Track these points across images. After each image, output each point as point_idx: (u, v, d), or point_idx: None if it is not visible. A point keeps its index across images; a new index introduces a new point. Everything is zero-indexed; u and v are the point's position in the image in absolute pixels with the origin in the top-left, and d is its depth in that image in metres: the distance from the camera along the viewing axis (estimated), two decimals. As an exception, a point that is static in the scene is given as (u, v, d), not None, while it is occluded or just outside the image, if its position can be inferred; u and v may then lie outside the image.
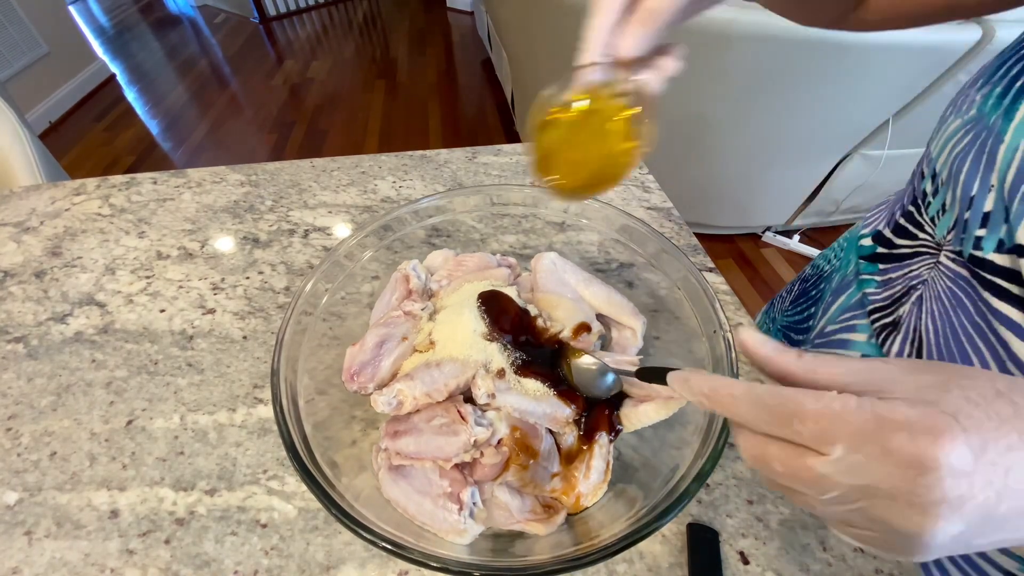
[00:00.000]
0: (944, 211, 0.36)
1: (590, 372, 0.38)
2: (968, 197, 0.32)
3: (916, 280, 0.38)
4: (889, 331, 0.40)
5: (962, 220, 0.33)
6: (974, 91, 0.34)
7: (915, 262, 0.39)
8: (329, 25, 3.56)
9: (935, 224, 0.37)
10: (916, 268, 0.38)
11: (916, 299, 0.38)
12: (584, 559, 0.28)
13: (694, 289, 0.40)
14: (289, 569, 0.35)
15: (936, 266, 0.36)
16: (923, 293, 0.37)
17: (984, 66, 0.36)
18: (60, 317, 0.51)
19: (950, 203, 0.35)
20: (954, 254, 0.34)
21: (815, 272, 0.55)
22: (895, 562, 0.35)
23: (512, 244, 0.54)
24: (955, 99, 0.37)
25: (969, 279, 0.33)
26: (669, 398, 0.37)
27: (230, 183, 0.67)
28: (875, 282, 0.43)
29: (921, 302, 0.37)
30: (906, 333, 0.38)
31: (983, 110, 0.32)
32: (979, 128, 0.32)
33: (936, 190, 0.37)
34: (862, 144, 1.44)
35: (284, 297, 0.53)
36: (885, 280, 0.42)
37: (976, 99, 0.34)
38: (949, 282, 0.35)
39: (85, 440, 0.42)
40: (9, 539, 0.37)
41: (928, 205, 0.38)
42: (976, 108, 0.33)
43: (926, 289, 0.37)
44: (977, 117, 0.33)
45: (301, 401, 0.35)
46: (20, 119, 0.85)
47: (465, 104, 2.64)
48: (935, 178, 0.37)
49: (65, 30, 2.52)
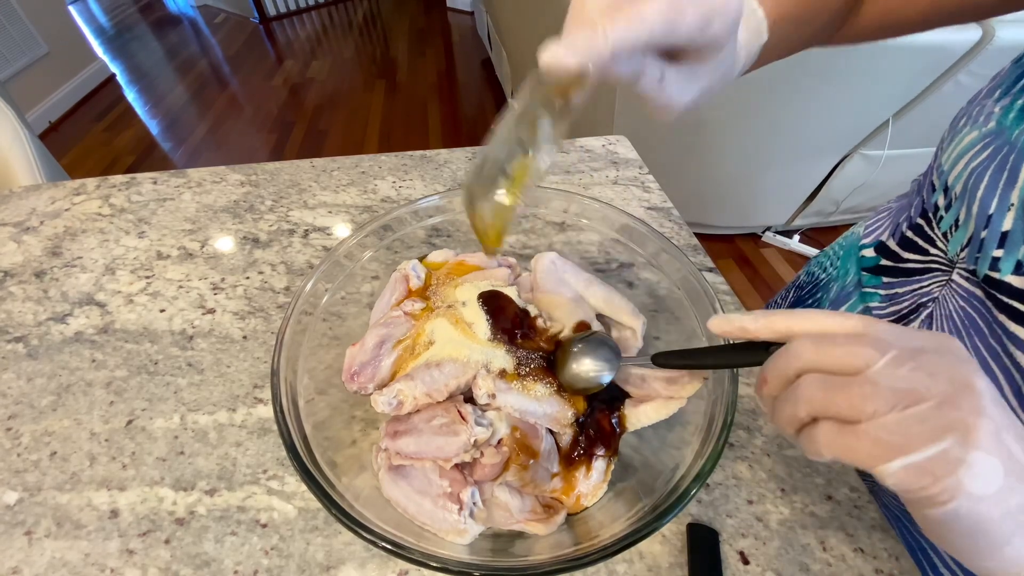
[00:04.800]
0: (957, 227, 0.34)
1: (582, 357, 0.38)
2: (986, 215, 0.31)
3: (926, 298, 0.37)
4: None
5: (978, 239, 0.31)
6: (991, 102, 0.33)
7: (925, 278, 0.37)
8: (329, 25, 3.56)
9: (947, 240, 0.35)
10: (926, 285, 0.37)
11: (926, 317, 0.36)
12: (584, 559, 0.28)
13: (694, 289, 0.40)
14: (289, 569, 0.35)
15: (948, 284, 0.35)
16: (934, 311, 0.36)
17: (1000, 74, 0.35)
18: (60, 317, 0.51)
19: (964, 219, 0.33)
20: (968, 272, 0.33)
21: (811, 279, 0.54)
22: (895, 562, 0.35)
23: (512, 244, 0.54)
24: (968, 109, 0.36)
25: (983, 300, 0.32)
26: (669, 398, 0.37)
27: (230, 183, 0.67)
28: (879, 296, 0.41)
29: (931, 321, 0.36)
30: None
31: (1003, 123, 0.31)
32: (999, 142, 0.31)
33: (949, 204, 0.35)
34: (862, 144, 1.44)
35: (284, 297, 0.53)
36: (891, 295, 0.40)
37: (995, 111, 0.32)
38: (962, 301, 0.33)
39: (85, 440, 0.42)
40: (9, 539, 0.37)
41: (940, 219, 0.36)
42: (995, 121, 0.32)
43: (937, 308, 0.36)
44: (997, 131, 0.31)
45: (301, 401, 0.35)
46: (20, 119, 0.85)
47: (465, 104, 2.64)
48: (947, 191, 0.35)
49: (65, 30, 2.52)
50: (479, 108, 2.59)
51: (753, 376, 0.45)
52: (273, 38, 3.38)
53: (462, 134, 2.42)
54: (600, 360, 0.37)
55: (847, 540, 0.36)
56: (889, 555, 0.35)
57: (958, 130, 0.36)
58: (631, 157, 0.70)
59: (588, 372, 0.37)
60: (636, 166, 0.68)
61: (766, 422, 0.42)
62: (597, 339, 0.38)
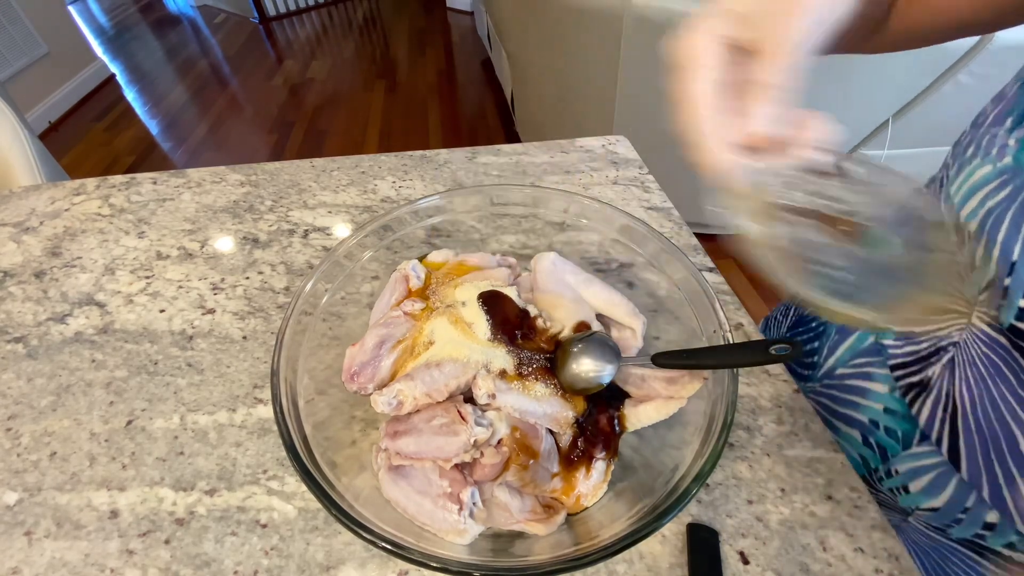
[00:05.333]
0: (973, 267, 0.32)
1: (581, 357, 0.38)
2: (1009, 262, 0.29)
3: (946, 341, 0.35)
4: (917, 391, 0.37)
5: (1000, 286, 0.30)
6: (1003, 132, 0.31)
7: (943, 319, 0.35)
8: (329, 25, 3.56)
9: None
10: (944, 326, 0.35)
11: (947, 362, 0.35)
12: (584, 559, 0.28)
13: (694, 289, 0.40)
14: (289, 569, 0.35)
15: (967, 327, 0.33)
16: (955, 357, 0.34)
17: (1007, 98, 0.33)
18: (60, 317, 0.51)
19: (982, 261, 0.31)
20: (989, 318, 0.31)
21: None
22: (895, 562, 0.35)
23: (512, 244, 0.54)
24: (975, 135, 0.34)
25: (1008, 348, 0.30)
26: (669, 398, 0.37)
27: (230, 183, 0.67)
28: (893, 332, 0.40)
29: (953, 366, 0.34)
30: (938, 396, 0.36)
31: (1021, 161, 0.29)
32: (1018, 182, 0.29)
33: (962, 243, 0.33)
34: (862, 144, 1.44)
35: (284, 297, 0.53)
36: (906, 332, 0.39)
37: (1009, 143, 0.30)
38: (985, 347, 0.32)
39: (85, 440, 0.42)
40: (9, 539, 0.37)
41: None
42: (1012, 156, 0.30)
43: (958, 352, 0.34)
44: (1014, 168, 0.30)
45: (301, 401, 0.35)
46: (20, 119, 0.85)
47: (465, 104, 2.64)
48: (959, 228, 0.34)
49: (65, 30, 2.52)
50: (479, 108, 2.59)
51: (753, 376, 0.45)
52: (273, 38, 3.39)
53: (462, 134, 2.42)
54: (600, 360, 0.37)
55: (847, 540, 0.36)
56: (889, 555, 0.35)
57: (966, 160, 0.34)
58: (631, 157, 0.70)
59: (588, 372, 0.37)
60: (636, 166, 0.68)
61: (766, 422, 0.42)
62: (597, 339, 0.38)
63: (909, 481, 0.39)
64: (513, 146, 0.72)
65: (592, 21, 1.32)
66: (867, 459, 0.43)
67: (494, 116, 2.50)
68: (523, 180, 0.66)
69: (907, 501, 0.40)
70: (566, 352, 0.38)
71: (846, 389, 0.44)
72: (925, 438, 0.37)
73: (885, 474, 0.41)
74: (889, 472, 0.41)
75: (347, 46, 3.25)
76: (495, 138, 2.37)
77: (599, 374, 0.37)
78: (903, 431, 0.39)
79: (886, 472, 0.41)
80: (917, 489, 0.39)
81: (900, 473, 0.40)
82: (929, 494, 0.38)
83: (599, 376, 0.37)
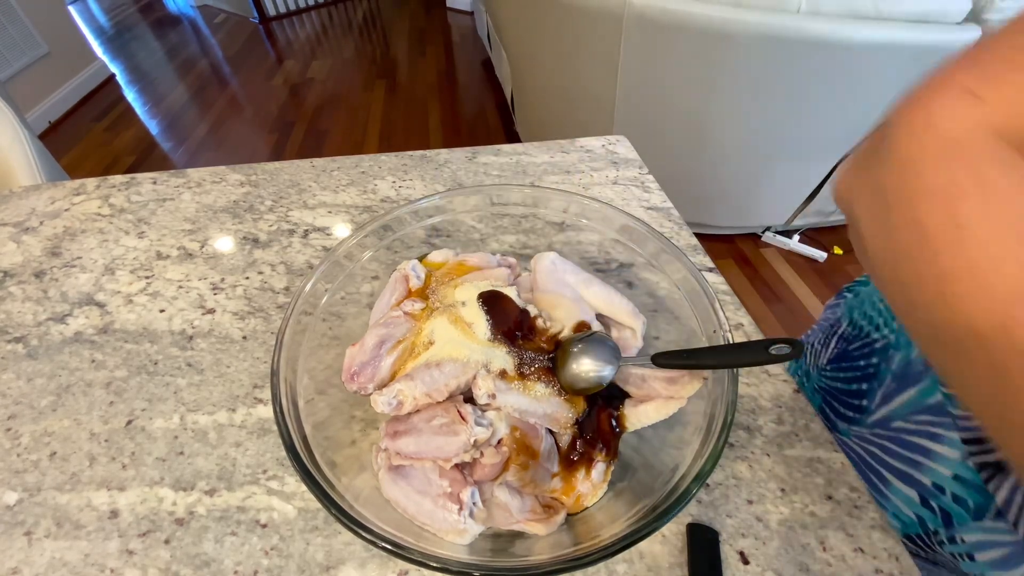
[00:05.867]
0: None
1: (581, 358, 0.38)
2: None
3: None
4: (993, 471, 0.34)
5: None
6: None
7: None
8: (329, 25, 3.56)
9: None
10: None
11: None
12: (584, 559, 0.28)
13: (694, 289, 0.40)
14: (289, 569, 0.35)
15: None
16: None
17: None
18: (60, 317, 0.51)
19: None
20: None
21: (858, 333, 0.47)
22: (895, 562, 0.35)
23: (512, 244, 0.54)
24: None
25: None
26: (669, 398, 0.37)
27: (230, 183, 0.67)
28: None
29: None
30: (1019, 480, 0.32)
31: None
32: None
33: None
34: (862, 144, 1.44)
35: (284, 297, 0.53)
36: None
37: None
38: None
39: (85, 440, 0.42)
40: (9, 539, 0.37)
41: None
42: None
43: None
44: None
45: (301, 401, 0.35)
46: (20, 119, 0.85)
47: (465, 104, 2.64)
48: None
49: (65, 30, 2.52)
50: (479, 108, 2.59)
51: (753, 376, 0.45)
52: (273, 38, 3.38)
53: (462, 134, 2.42)
54: (600, 360, 0.37)
55: (847, 540, 0.36)
56: (889, 555, 0.35)
57: None
58: (631, 157, 0.70)
59: (588, 372, 0.37)
60: (636, 166, 0.68)
61: (766, 422, 0.42)
62: (597, 339, 0.38)
63: (977, 552, 0.36)
64: (513, 146, 0.72)
65: (592, 21, 1.32)
66: (924, 519, 0.39)
67: (494, 116, 2.50)
68: (523, 180, 0.66)
69: (972, 568, 0.37)
70: (566, 352, 0.38)
71: (905, 445, 0.40)
72: (1001, 515, 0.34)
73: (947, 539, 0.38)
74: (953, 539, 0.38)
75: (347, 46, 3.25)
76: (495, 138, 2.37)
77: (599, 374, 0.37)
78: (975, 503, 0.36)
79: (948, 538, 0.38)
80: (986, 560, 0.36)
81: (967, 542, 0.37)
82: (1001, 567, 0.35)
83: (599, 376, 0.37)
